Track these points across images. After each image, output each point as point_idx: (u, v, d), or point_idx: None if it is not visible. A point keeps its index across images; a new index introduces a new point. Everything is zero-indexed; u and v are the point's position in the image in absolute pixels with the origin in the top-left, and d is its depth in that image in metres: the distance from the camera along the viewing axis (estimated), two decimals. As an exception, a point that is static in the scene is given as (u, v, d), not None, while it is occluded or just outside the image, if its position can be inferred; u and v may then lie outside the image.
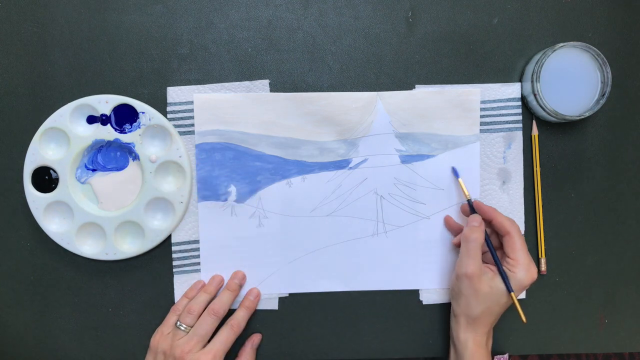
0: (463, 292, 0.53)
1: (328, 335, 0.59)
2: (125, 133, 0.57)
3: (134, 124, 0.57)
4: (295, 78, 0.58)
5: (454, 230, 0.58)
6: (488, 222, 0.55)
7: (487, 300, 0.52)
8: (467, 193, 0.57)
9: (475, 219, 0.55)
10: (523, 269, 0.52)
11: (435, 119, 0.58)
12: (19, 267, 0.59)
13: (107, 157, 0.58)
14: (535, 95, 0.55)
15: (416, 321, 0.60)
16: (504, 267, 0.53)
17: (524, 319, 0.53)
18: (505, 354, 0.59)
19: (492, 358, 0.56)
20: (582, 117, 0.54)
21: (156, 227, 0.57)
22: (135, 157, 0.58)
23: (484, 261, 0.55)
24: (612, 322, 0.60)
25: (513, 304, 0.53)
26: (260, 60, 0.58)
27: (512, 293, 0.52)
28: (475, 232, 0.53)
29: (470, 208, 0.56)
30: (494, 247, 0.55)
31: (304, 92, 0.58)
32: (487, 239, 0.54)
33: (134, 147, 0.57)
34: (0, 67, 0.58)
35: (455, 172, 0.58)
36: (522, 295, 0.59)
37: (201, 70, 0.58)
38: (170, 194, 0.57)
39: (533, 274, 0.52)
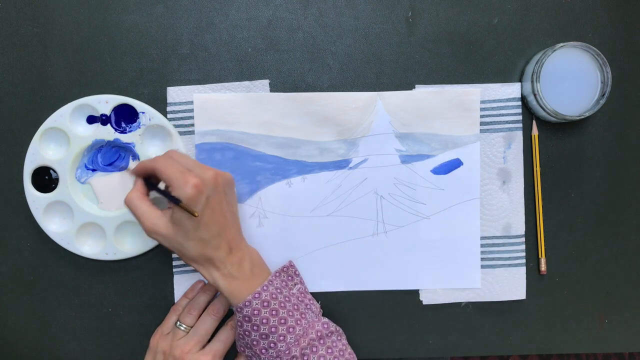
0: (166, 245, 0.50)
1: (328, 335, 0.59)
2: (125, 133, 0.57)
3: (134, 124, 0.57)
4: (295, 78, 0.58)
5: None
6: (152, 175, 0.51)
7: (185, 235, 0.48)
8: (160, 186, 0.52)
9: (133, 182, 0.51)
10: (179, 183, 0.47)
11: (435, 119, 0.58)
12: (19, 267, 0.59)
13: (107, 157, 0.58)
14: (535, 95, 0.55)
15: (416, 321, 0.60)
16: (168, 193, 0.49)
17: (195, 213, 0.47)
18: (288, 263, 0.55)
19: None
20: (582, 117, 0.54)
21: (156, 227, 0.57)
22: (135, 157, 0.58)
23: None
24: (612, 322, 0.60)
25: (190, 214, 0.47)
26: (260, 60, 0.58)
27: (180, 204, 0.47)
28: (129, 194, 0.50)
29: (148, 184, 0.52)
30: (161, 189, 0.51)
31: (304, 92, 0.58)
32: (149, 185, 0.51)
33: (134, 147, 0.57)
34: (0, 67, 0.58)
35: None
36: (522, 296, 0.59)
37: (201, 70, 0.58)
38: (170, 194, 0.57)
39: (188, 179, 0.47)
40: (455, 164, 0.58)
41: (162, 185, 0.52)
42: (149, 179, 0.52)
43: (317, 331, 0.51)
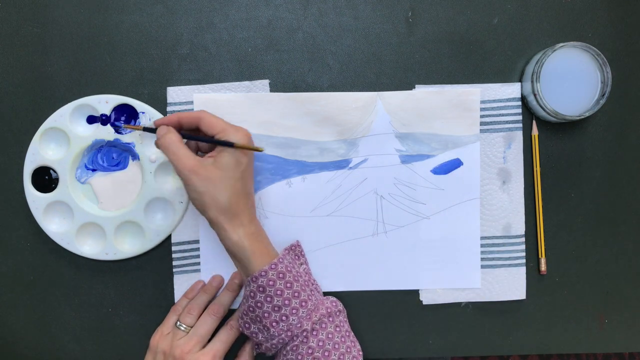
0: (200, 190, 0.48)
1: (328, 335, 0.59)
2: (125, 133, 0.57)
3: (134, 124, 0.57)
4: (295, 78, 0.58)
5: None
6: (181, 128, 0.52)
7: (225, 183, 0.49)
8: (140, 127, 0.54)
9: (162, 129, 0.51)
10: (232, 132, 0.49)
11: (435, 119, 0.58)
12: (19, 267, 0.59)
13: (107, 157, 0.58)
14: (535, 95, 0.55)
15: (416, 321, 0.60)
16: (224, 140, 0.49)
17: (260, 148, 0.49)
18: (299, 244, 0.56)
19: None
20: (582, 117, 0.54)
21: (156, 227, 0.57)
22: (135, 157, 0.58)
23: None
24: (612, 322, 0.60)
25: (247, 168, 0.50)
26: (260, 60, 0.58)
27: (235, 144, 0.49)
28: (167, 135, 0.50)
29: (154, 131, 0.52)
30: (205, 138, 0.51)
31: (304, 92, 0.58)
32: (183, 134, 0.51)
33: (133, 147, 0.57)
34: (0, 67, 0.58)
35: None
36: (522, 296, 0.59)
37: (201, 70, 0.58)
38: (170, 194, 0.57)
39: (244, 132, 0.50)
40: (455, 164, 0.58)
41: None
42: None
43: (326, 307, 0.52)
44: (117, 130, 0.57)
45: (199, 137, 0.51)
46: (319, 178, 0.59)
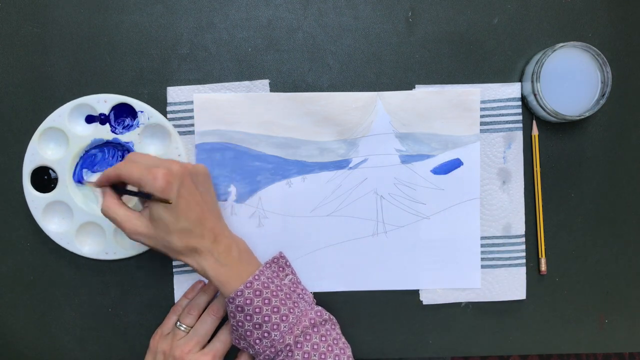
0: (152, 244, 0.50)
1: (328, 335, 0.59)
2: (124, 132, 0.57)
3: (133, 123, 0.57)
4: (295, 78, 0.58)
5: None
6: (118, 183, 0.51)
7: (166, 229, 0.49)
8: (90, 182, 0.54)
9: (100, 195, 0.51)
10: (146, 180, 0.48)
11: (435, 119, 0.58)
12: (19, 267, 0.59)
13: (106, 157, 0.58)
14: (535, 95, 0.55)
15: (416, 321, 0.60)
16: (141, 192, 0.49)
17: (169, 201, 0.48)
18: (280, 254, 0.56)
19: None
20: (582, 117, 0.54)
21: (156, 227, 0.57)
22: (135, 157, 0.57)
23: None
24: (612, 322, 0.60)
25: (164, 203, 0.48)
26: (260, 60, 0.58)
27: (151, 198, 0.48)
28: (103, 203, 0.50)
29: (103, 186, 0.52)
30: (131, 190, 0.52)
31: (304, 92, 0.58)
32: (118, 190, 0.51)
33: (133, 146, 0.57)
34: (0, 67, 0.58)
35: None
36: (522, 296, 0.59)
37: (201, 70, 0.58)
38: (170, 194, 0.57)
39: (154, 173, 0.47)
40: (455, 164, 0.58)
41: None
42: (116, 187, 0.52)
43: (310, 319, 0.51)
44: (114, 131, 0.57)
45: (127, 191, 0.52)
46: (319, 178, 0.58)
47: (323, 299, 0.59)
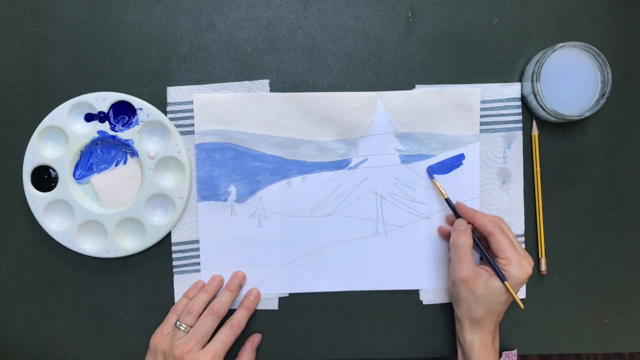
0: (462, 296, 0.53)
1: (328, 335, 0.59)
2: (124, 130, 0.57)
3: (132, 120, 0.57)
4: (295, 78, 0.58)
5: (447, 235, 0.58)
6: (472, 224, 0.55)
7: (486, 302, 0.52)
8: (444, 193, 0.57)
9: (461, 224, 0.54)
10: (515, 266, 0.52)
11: (435, 119, 0.58)
12: (19, 267, 0.59)
13: (105, 155, 0.58)
14: (535, 95, 0.55)
15: (416, 321, 0.60)
16: (497, 265, 0.53)
17: (521, 305, 0.53)
18: (513, 349, 0.58)
19: (500, 355, 0.56)
20: (582, 117, 0.54)
21: (157, 224, 0.57)
22: (134, 154, 0.58)
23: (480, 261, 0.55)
24: (612, 322, 0.60)
25: (513, 299, 0.52)
26: (260, 60, 0.58)
27: (505, 282, 0.51)
28: (463, 236, 0.53)
29: (452, 210, 0.56)
30: (485, 247, 0.55)
31: (304, 92, 0.58)
32: (476, 240, 0.54)
33: (132, 143, 0.57)
34: (0, 66, 0.58)
35: (429, 173, 0.57)
36: (522, 295, 0.59)
37: (201, 70, 0.58)
38: (170, 190, 0.57)
39: (527, 269, 0.52)
40: (459, 158, 0.58)
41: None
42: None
43: None
44: (113, 128, 0.57)
45: (482, 251, 0.54)
46: (319, 178, 0.59)
47: (323, 299, 0.59)
